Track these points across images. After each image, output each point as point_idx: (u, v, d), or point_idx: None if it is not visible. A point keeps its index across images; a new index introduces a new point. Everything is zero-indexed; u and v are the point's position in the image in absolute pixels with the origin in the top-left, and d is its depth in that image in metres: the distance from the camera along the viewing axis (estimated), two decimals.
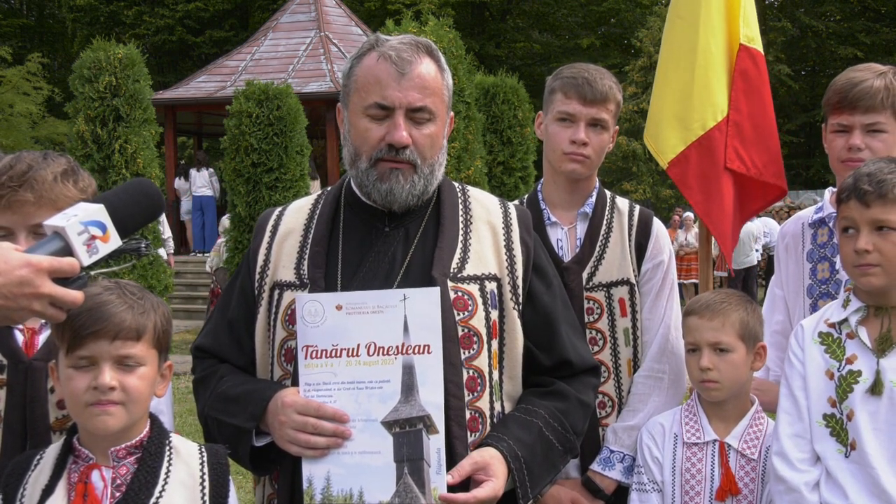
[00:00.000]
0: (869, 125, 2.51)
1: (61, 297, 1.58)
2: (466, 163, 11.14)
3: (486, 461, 1.94)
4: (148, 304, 1.88)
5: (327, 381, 1.95)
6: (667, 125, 3.14)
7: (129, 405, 1.82)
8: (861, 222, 2.17)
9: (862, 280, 2.19)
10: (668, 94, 3.17)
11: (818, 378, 2.24)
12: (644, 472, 2.50)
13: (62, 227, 1.61)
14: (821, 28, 31.35)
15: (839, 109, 2.55)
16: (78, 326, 1.77)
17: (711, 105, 3.07)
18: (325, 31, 18.83)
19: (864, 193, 2.15)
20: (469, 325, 2.04)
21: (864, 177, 2.18)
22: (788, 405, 2.29)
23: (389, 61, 2.02)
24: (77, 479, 1.83)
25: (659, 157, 3.15)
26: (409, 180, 2.05)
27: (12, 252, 1.56)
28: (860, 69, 2.60)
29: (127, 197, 1.76)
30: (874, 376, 2.14)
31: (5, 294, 1.53)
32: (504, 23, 34.94)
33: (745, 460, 2.41)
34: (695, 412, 2.50)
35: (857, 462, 2.15)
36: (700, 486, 2.41)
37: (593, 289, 2.63)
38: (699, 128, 3.07)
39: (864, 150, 2.51)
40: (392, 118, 2.02)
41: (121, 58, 10.27)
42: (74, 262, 1.60)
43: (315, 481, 1.91)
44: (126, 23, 31.35)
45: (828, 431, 2.20)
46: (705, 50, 3.08)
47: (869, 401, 2.14)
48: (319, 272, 2.08)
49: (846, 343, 2.23)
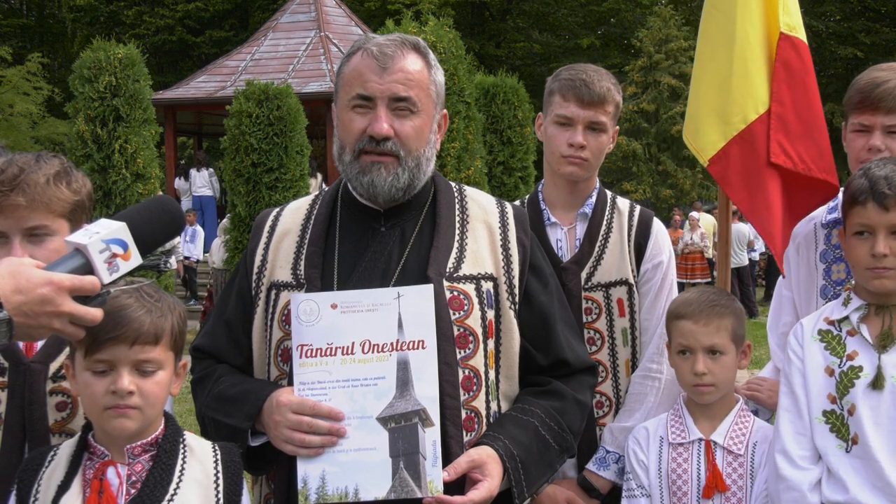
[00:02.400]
0: (890, 126, 2.48)
1: (81, 315, 1.58)
2: (466, 163, 11.14)
3: (482, 459, 1.95)
4: (165, 306, 1.89)
5: (322, 380, 1.95)
6: (706, 121, 3.00)
7: (146, 409, 1.84)
8: (879, 226, 2.16)
9: (875, 283, 2.19)
10: (706, 89, 3.04)
11: (818, 375, 2.26)
12: (632, 478, 2.49)
13: (84, 244, 1.61)
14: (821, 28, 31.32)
15: (861, 109, 2.52)
16: (97, 331, 1.76)
17: (752, 97, 2.93)
18: (325, 31, 18.84)
19: (885, 197, 2.15)
20: (465, 325, 2.04)
21: (881, 180, 2.16)
22: (789, 403, 2.30)
23: (372, 56, 2.05)
24: (92, 476, 1.84)
25: (699, 154, 3.01)
26: (391, 173, 2.05)
27: (33, 270, 1.55)
28: (883, 69, 2.55)
29: (148, 214, 1.76)
30: (875, 371, 2.17)
31: (26, 312, 1.52)
32: (504, 23, 34.93)
33: (732, 457, 2.41)
34: (680, 413, 2.50)
35: (858, 457, 2.17)
36: (687, 486, 2.40)
37: (592, 289, 2.63)
38: (740, 121, 2.93)
39: (884, 152, 2.47)
40: (374, 110, 2.03)
41: (121, 58, 10.28)
42: (95, 281, 1.60)
43: (310, 481, 1.92)
44: (126, 23, 31.34)
45: (828, 427, 2.22)
46: (743, 41, 2.95)
47: (871, 395, 2.17)
48: (316, 272, 2.09)
49: (847, 340, 2.25)
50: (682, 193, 25.53)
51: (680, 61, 26.57)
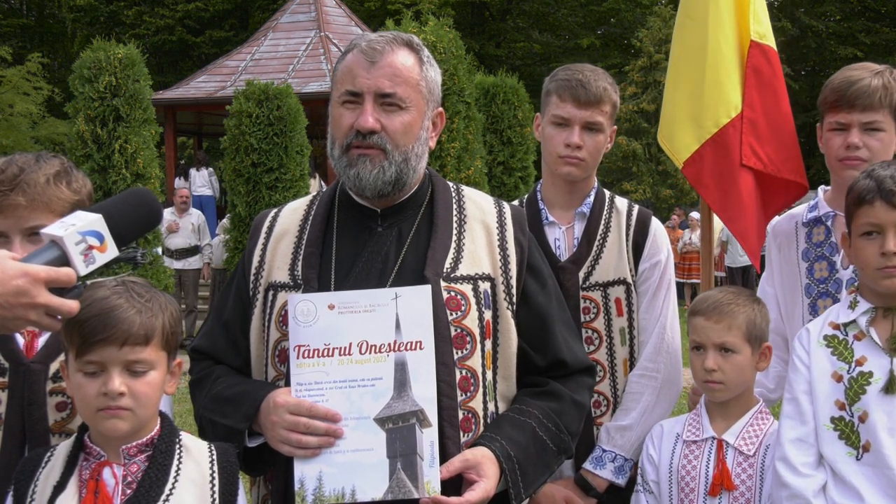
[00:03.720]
0: (867, 124, 2.51)
1: (57, 306, 1.58)
2: (466, 163, 11.14)
3: (478, 460, 1.95)
4: (156, 305, 1.88)
5: (319, 381, 1.95)
6: (680, 125, 3.12)
7: (139, 409, 1.83)
8: (888, 224, 2.14)
9: (886, 283, 2.16)
10: (680, 94, 3.16)
11: (825, 381, 2.22)
12: (641, 473, 2.52)
13: (60, 236, 1.61)
14: (821, 28, 31.33)
15: (836, 108, 2.55)
16: (87, 332, 1.77)
17: (724, 103, 3.04)
18: (325, 31, 18.83)
19: (893, 195, 2.12)
20: (462, 325, 2.04)
21: (888, 179, 2.14)
22: (791, 410, 2.26)
23: (361, 52, 2.07)
24: (88, 476, 1.84)
25: (674, 156, 3.13)
26: (377, 165, 2.05)
27: (8, 261, 1.55)
28: (856, 68, 2.59)
29: (125, 206, 1.75)
30: (888, 375, 2.13)
31: (1, 304, 1.52)
32: (504, 23, 34.91)
33: (743, 457, 2.41)
34: (699, 413, 2.52)
35: (870, 464, 2.13)
36: (695, 483, 2.42)
37: (590, 288, 2.63)
38: (713, 125, 3.04)
39: (862, 149, 2.51)
40: (362, 105, 2.04)
41: (121, 58, 10.27)
42: (71, 273, 1.60)
43: (307, 481, 1.92)
44: (126, 23, 31.32)
45: (836, 434, 2.18)
46: (715, 48, 3.06)
47: (884, 400, 2.12)
48: (313, 273, 2.09)
49: (854, 345, 2.21)
50: (682, 193, 25.49)
51: None
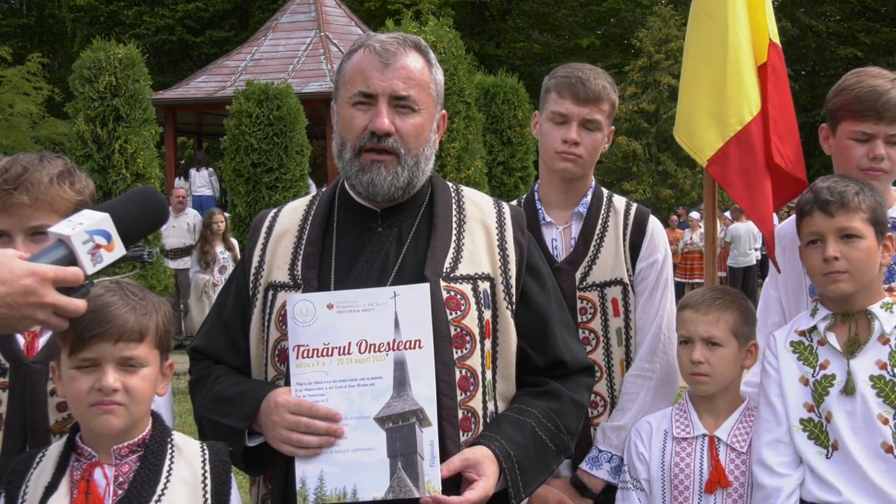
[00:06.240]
0: (892, 136, 2.52)
1: (65, 306, 1.58)
2: (466, 163, 11.17)
3: (478, 459, 1.95)
4: (150, 304, 1.89)
5: (319, 381, 1.95)
6: (701, 123, 3.09)
7: (132, 406, 1.83)
8: (827, 232, 2.29)
9: (831, 287, 2.30)
10: (699, 91, 3.12)
11: (793, 385, 2.35)
12: (628, 471, 2.53)
13: (67, 235, 1.61)
14: (821, 28, 31.34)
15: (862, 117, 2.52)
16: (81, 329, 1.77)
17: (746, 100, 3.02)
18: (325, 31, 18.82)
19: (828, 204, 2.29)
20: (461, 325, 2.04)
21: (824, 190, 2.32)
22: (766, 412, 2.39)
23: (374, 53, 2.06)
24: (79, 477, 1.84)
25: (696, 155, 3.09)
26: (391, 172, 2.05)
27: (16, 261, 1.55)
28: (874, 75, 2.57)
29: (132, 205, 1.76)
30: (846, 377, 2.26)
31: (9, 303, 1.52)
32: (504, 23, 34.93)
33: (735, 454, 2.45)
34: (685, 409, 2.54)
35: (840, 462, 2.25)
36: (689, 481, 2.44)
37: (587, 289, 2.63)
38: (736, 123, 3.01)
39: (885, 161, 2.51)
40: (376, 106, 2.04)
41: (121, 58, 10.29)
42: (79, 272, 1.60)
43: (308, 481, 1.92)
44: (126, 23, 31.35)
45: (806, 435, 2.31)
46: (735, 44, 3.04)
47: (844, 401, 2.26)
48: (312, 273, 2.09)
49: (818, 350, 2.34)
50: (682, 193, 25.52)
51: (680, 61, 26.39)
